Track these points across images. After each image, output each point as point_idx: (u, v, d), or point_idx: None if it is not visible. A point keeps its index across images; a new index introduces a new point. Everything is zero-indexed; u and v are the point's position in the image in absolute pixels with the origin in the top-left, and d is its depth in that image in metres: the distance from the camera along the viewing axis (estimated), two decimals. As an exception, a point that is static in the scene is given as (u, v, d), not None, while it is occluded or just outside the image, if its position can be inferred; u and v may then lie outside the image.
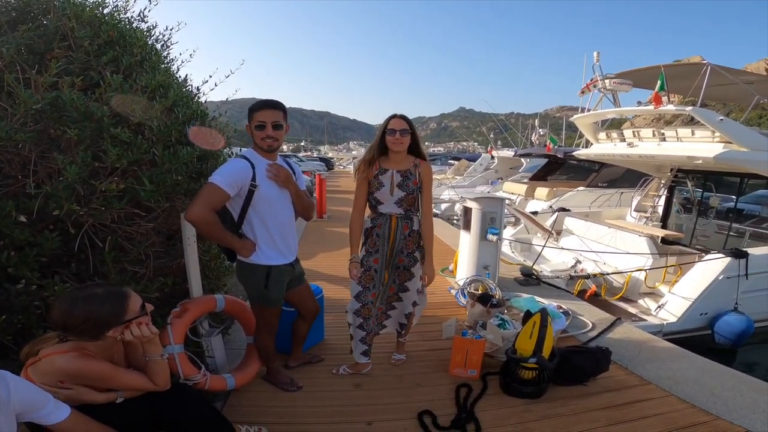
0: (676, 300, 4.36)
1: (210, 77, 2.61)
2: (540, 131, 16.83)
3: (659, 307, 4.46)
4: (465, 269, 4.32)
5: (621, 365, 2.77)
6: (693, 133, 5.29)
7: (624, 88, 6.83)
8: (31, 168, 1.59)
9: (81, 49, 1.84)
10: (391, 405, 2.28)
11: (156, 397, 1.56)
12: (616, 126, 8.24)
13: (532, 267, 4.90)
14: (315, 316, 2.53)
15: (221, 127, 2.63)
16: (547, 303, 3.55)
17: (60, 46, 1.78)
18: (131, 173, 1.84)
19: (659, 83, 5.55)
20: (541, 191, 10.11)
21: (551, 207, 8.22)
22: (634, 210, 6.99)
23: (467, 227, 4.33)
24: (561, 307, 3.57)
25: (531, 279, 4.55)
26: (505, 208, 4.62)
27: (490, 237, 4.13)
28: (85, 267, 1.76)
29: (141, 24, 2.44)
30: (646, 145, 5.90)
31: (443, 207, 11.69)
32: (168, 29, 2.61)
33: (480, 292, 3.73)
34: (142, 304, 1.49)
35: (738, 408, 2.29)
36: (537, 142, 16.55)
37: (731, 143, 4.84)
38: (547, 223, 6.71)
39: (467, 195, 5.45)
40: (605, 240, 5.85)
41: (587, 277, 5.19)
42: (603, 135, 6.79)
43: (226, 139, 2.57)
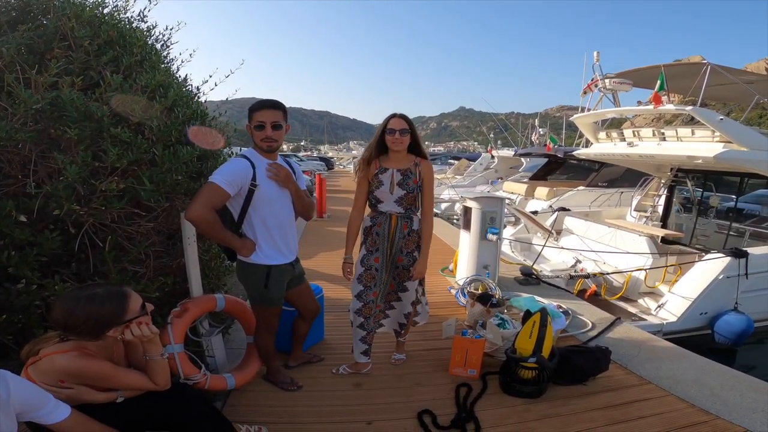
0: (675, 299, 4.36)
1: (210, 77, 2.61)
2: (540, 131, 16.84)
3: (659, 307, 4.46)
4: (465, 269, 4.32)
5: (621, 365, 2.77)
6: (693, 133, 5.30)
7: (624, 87, 6.83)
8: (32, 168, 1.59)
9: (81, 49, 1.84)
10: (391, 404, 2.28)
11: (156, 397, 1.57)
12: (616, 126, 8.24)
13: (532, 266, 4.90)
14: (315, 315, 2.54)
15: (221, 127, 2.63)
16: (547, 302, 3.55)
17: (60, 45, 1.78)
18: (131, 173, 1.84)
19: (659, 83, 5.55)
20: (541, 191, 10.12)
21: (551, 206, 8.22)
22: (634, 209, 6.99)
23: (467, 227, 4.33)
24: (561, 307, 3.57)
25: (531, 278, 4.55)
26: (505, 207, 4.62)
27: (490, 236, 4.13)
28: (86, 267, 1.76)
29: (141, 24, 2.44)
30: (646, 145, 5.90)
31: (443, 206, 11.70)
32: (168, 29, 2.61)
33: (480, 291, 3.73)
34: (142, 303, 1.49)
35: (738, 408, 2.29)
36: (537, 141, 16.57)
37: (731, 143, 4.84)
38: (547, 223, 6.71)
39: (467, 194, 5.45)
40: (605, 239, 5.85)
41: (587, 277, 5.19)
42: (603, 134, 6.79)
43: (226, 139, 2.57)
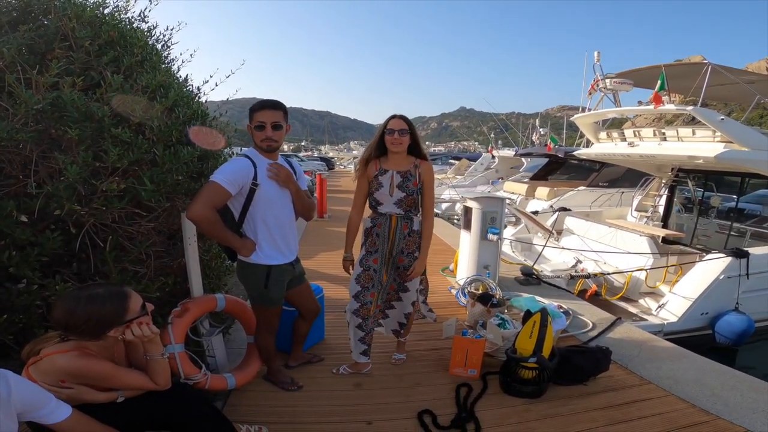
0: (676, 300, 4.36)
1: (210, 77, 2.62)
2: (541, 131, 16.85)
3: (660, 307, 4.45)
4: (465, 269, 4.32)
5: (621, 365, 2.77)
6: (694, 133, 5.29)
7: (625, 87, 6.82)
8: (32, 168, 1.59)
9: (82, 50, 1.84)
10: (391, 404, 2.29)
11: (157, 397, 1.57)
12: (616, 126, 8.23)
13: (532, 267, 4.90)
14: (315, 315, 2.54)
15: (222, 127, 2.63)
16: (548, 303, 3.55)
17: (61, 46, 1.78)
18: (132, 173, 1.84)
19: (659, 83, 5.54)
20: (542, 191, 10.11)
21: (552, 206, 8.22)
22: (634, 210, 6.98)
23: (468, 227, 4.33)
24: (561, 307, 3.57)
25: (531, 279, 4.55)
26: (506, 207, 4.61)
27: (490, 237, 4.13)
28: (86, 267, 1.77)
29: (141, 24, 2.44)
30: (646, 145, 5.89)
31: (444, 207, 11.69)
32: (168, 29, 2.61)
33: (480, 291, 3.73)
34: (142, 303, 1.50)
35: (738, 408, 2.29)
36: (538, 141, 16.57)
37: (732, 143, 4.84)
38: (548, 223, 6.71)
39: (468, 194, 5.45)
40: (606, 240, 5.85)
41: (588, 277, 5.19)
42: (604, 135, 6.79)
43: (226, 139, 2.57)
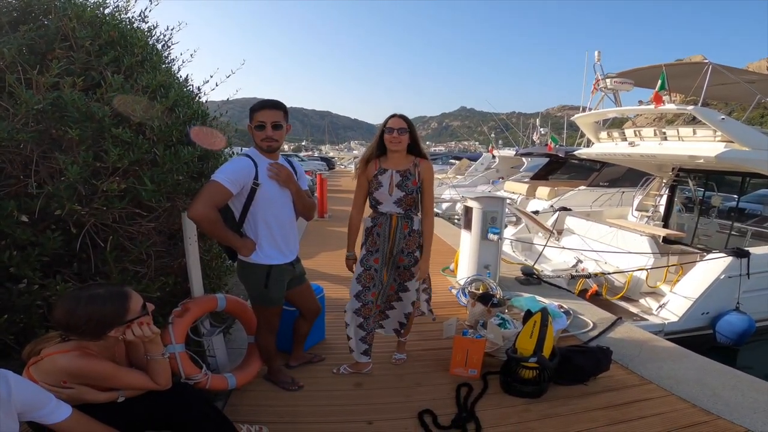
0: (677, 299, 4.35)
1: (211, 77, 2.61)
2: (541, 130, 16.85)
3: (660, 307, 4.45)
4: (466, 269, 4.32)
5: (622, 365, 2.77)
6: (694, 133, 5.28)
7: (625, 87, 6.82)
8: (33, 168, 1.60)
9: (82, 50, 1.84)
10: (392, 404, 2.29)
11: (157, 397, 1.57)
12: (617, 125, 8.22)
13: (533, 266, 4.90)
14: (316, 315, 2.54)
15: (222, 127, 2.63)
16: (548, 302, 3.55)
17: (61, 46, 1.78)
18: (132, 173, 1.84)
19: (660, 82, 5.54)
20: (543, 190, 10.10)
21: (552, 206, 8.21)
22: (635, 209, 6.97)
23: (468, 227, 4.32)
24: (562, 307, 3.57)
25: (532, 278, 4.55)
26: (506, 207, 4.61)
27: (491, 236, 4.13)
28: (87, 267, 1.77)
29: (142, 24, 2.44)
30: (647, 145, 5.89)
31: (444, 206, 11.69)
32: (169, 29, 2.61)
33: (481, 291, 3.73)
34: (143, 303, 1.50)
35: (739, 407, 2.29)
36: (538, 141, 16.57)
37: (733, 142, 4.83)
38: (548, 223, 6.70)
39: (468, 194, 5.45)
40: (606, 239, 5.84)
41: (588, 277, 5.18)
42: (604, 134, 6.78)
43: (227, 139, 2.57)
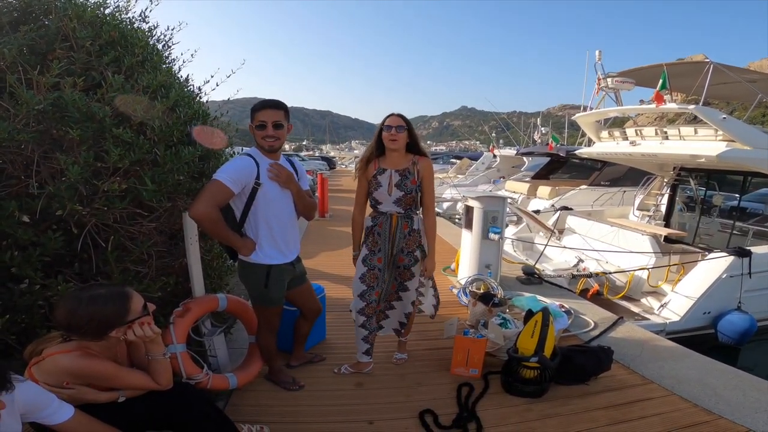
0: (678, 299, 4.34)
1: (212, 77, 2.62)
2: (542, 130, 16.83)
3: (662, 306, 4.44)
4: (467, 268, 4.31)
5: (623, 364, 2.77)
6: (696, 132, 5.27)
7: (626, 86, 6.81)
8: (34, 168, 1.60)
9: (82, 50, 1.84)
10: (393, 404, 2.29)
11: (158, 397, 1.57)
12: (618, 125, 8.20)
13: (534, 266, 4.89)
14: (317, 315, 2.54)
15: (223, 127, 2.63)
16: (549, 302, 3.54)
17: (61, 46, 1.79)
18: (133, 173, 1.84)
19: (661, 82, 5.53)
20: (544, 190, 10.08)
21: (553, 206, 8.19)
22: (636, 209, 6.96)
23: (469, 226, 4.32)
24: (563, 306, 3.56)
25: (533, 278, 4.54)
26: (507, 206, 4.61)
27: (491, 236, 4.12)
28: (88, 267, 1.77)
29: (142, 24, 2.44)
30: (648, 144, 5.87)
31: (445, 206, 11.68)
32: (169, 29, 2.61)
33: (482, 291, 3.72)
34: (144, 303, 1.50)
35: (740, 407, 2.28)
36: (539, 140, 16.54)
37: (734, 141, 4.82)
38: (550, 222, 6.69)
39: (469, 194, 5.44)
40: (608, 239, 5.83)
41: (589, 276, 5.17)
42: (605, 133, 6.76)
43: (228, 139, 2.58)
